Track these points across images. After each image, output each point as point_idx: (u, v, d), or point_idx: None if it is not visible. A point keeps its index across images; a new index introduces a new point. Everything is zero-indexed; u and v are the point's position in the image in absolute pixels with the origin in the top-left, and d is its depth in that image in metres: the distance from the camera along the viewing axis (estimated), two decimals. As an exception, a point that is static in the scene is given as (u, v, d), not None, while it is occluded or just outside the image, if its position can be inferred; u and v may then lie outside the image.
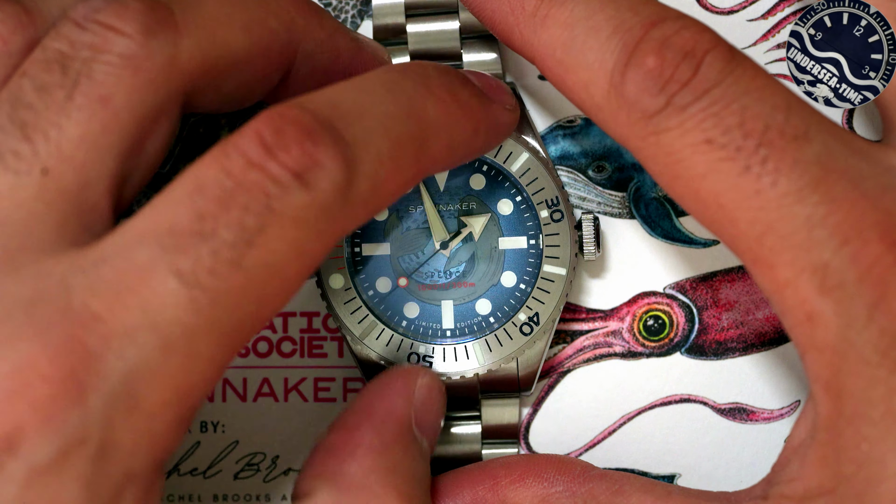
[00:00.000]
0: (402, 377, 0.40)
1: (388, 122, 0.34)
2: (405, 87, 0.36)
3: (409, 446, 0.38)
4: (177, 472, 0.45)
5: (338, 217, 0.33)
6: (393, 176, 0.34)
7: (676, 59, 0.35)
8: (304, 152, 0.32)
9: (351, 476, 0.37)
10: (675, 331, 0.45)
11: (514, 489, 0.41)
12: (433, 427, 0.40)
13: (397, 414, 0.39)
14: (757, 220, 0.34)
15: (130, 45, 0.33)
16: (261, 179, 0.32)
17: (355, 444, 0.38)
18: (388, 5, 0.44)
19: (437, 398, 0.40)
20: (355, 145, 0.33)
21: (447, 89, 0.37)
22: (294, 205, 0.32)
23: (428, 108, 0.36)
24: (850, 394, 0.34)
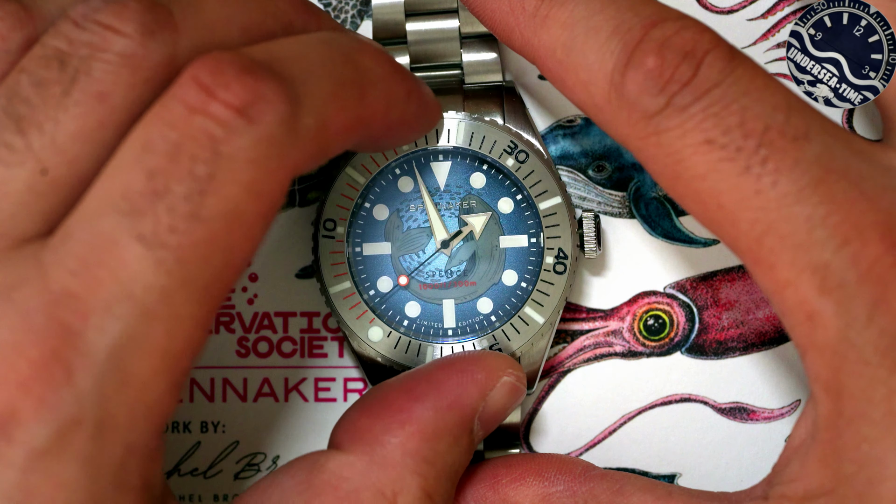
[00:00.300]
0: (487, 370, 0.40)
1: (326, 65, 0.34)
2: (341, 40, 0.36)
3: (460, 439, 0.39)
4: (177, 472, 0.45)
5: (288, 152, 0.32)
6: (337, 114, 0.34)
7: (676, 59, 0.35)
8: (244, 87, 0.32)
9: (390, 450, 0.37)
10: (676, 330, 0.45)
11: (515, 488, 0.41)
12: (495, 423, 0.40)
13: (465, 404, 0.39)
14: (757, 220, 0.34)
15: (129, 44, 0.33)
16: (205, 123, 0.31)
17: (409, 417, 0.38)
18: (388, 5, 0.44)
19: (514, 399, 0.40)
20: (296, 82, 0.33)
21: (379, 49, 0.37)
22: (241, 145, 0.32)
23: (364, 58, 0.36)
24: (850, 394, 0.34)
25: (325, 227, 0.43)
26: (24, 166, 0.32)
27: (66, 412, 0.30)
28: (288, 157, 0.32)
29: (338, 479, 0.37)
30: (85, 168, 0.33)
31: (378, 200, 0.44)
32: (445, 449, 0.38)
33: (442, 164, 0.43)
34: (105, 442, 0.31)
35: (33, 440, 0.30)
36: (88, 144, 0.33)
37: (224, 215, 0.31)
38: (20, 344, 0.31)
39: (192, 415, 0.45)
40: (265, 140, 0.32)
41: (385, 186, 0.44)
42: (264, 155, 0.32)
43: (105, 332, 0.31)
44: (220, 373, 0.46)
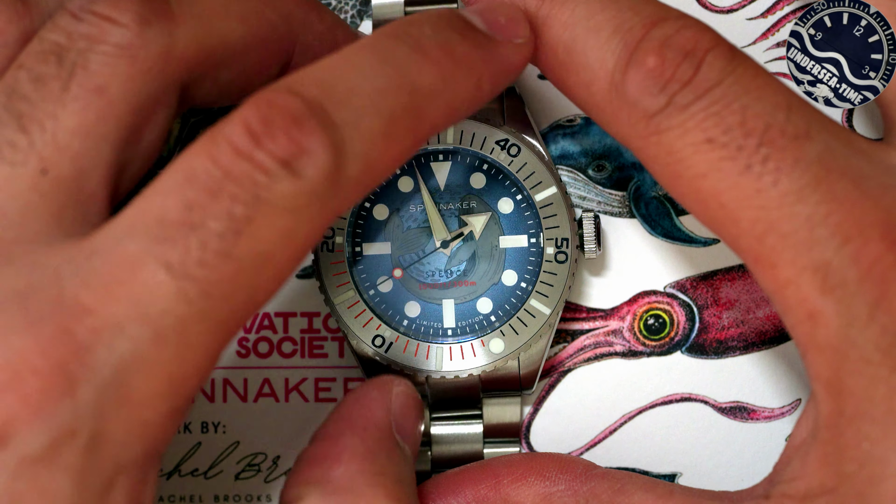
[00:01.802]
0: (378, 387, 0.40)
1: (379, 98, 0.34)
2: (397, 54, 0.35)
3: (393, 451, 0.38)
4: (178, 472, 0.45)
5: (328, 202, 0.32)
6: (385, 153, 0.34)
7: (677, 58, 0.35)
8: (290, 140, 0.32)
9: (338, 480, 0.37)
10: (676, 330, 0.45)
11: (516, 488, 0.41)
12: (413, 433, 0.40)
13: (377, 421, 0.39)
14: (758, 219, 0.34)
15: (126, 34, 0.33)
16: (248, 168, 0.31)
17: (340, 451, 0.38)
18: (388, 3, 0.44)
19: (413, 405, 0.40)
20: (344, 127, 0.33)
21: (443, 49, 0.35)
22: (282, 193, 0.32)
23: (423, 74, 0.35)
24: (851, 393, 0.34)
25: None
26: (27, 165, 0.32)
27: (62, 423, 0.30)
28: (327, 207, 0.32)
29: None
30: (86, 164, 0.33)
31: (378, 200, 0.44)
32: (385, 461, 0.38)
33: (442, 164, 0.43)
34: (97, 456, 0.31)
35: (26, 447, 0.30)
36: (89, 139, 0.33)
37: (255, 257, 0.31)
38: (27, 352, 0.30)
39: (192, 415, 0.45)
40: (306, 191, 0.32)
41: (385, 186, 0.44)
42: (303, 204, 0.32)
43: (114, 350, 0.30)
44: (221, 373, 0.46)
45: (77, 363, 0.30)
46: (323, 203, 0.32)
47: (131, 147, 0.35)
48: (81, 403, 0.30)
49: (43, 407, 0.30)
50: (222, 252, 0.31)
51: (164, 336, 0.31)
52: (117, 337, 0.31)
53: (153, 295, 0.31)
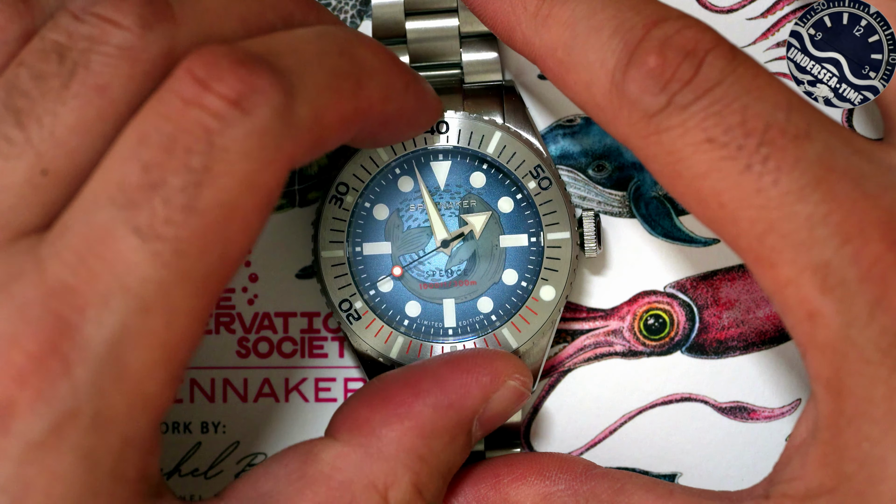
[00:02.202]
0: (493, 372, 0.39)
1: (322, 57, 0.34)
2: (337, 32, 0.36)
3: (457, 439, 0.39)
4: (178, 472, 0.45)
5: (283, 144, 0.32)
6: (332, 105, 0.34)
7: (678, 58, 0.35)
8: (238, 79, 0.32)
9: (385, 443, 0.37)
10: (676, 330, 0.45)
11: (517, 487, 0.41)
12: (495, 425, 0.40)
13: (466, 405, 0.39)
14: (758, 218, 0.34)
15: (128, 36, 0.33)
16: (199, 116, 0.32)
17: (408, 412, 0.38)
18: (388, 4, 0.44)
19: (516, 404, 0.40)
20: (291, 73, 0.33)
21: (377, 42, 0.37)
22: (236, 136, 0.32)
23: (361, 50, 0.36)
24: (851, 393, 0.34)
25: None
26: (23, 159, 0.32)
27: (62, 405, 0.30)
28: (283, 149, 0.32)
29: (331, 468, 0.37)
30: (84, 161, 0.33)
31: (378, 200, 0.44)
32: (441, 447, 0.38)
33: (442, 164, 0.43)
34: (102, 434, 0.31)
35: (30, 432, 0.30)
36: (87, 137, 0.33)
37: (220, 207, 0.31)
38: (17, 336, 0.31)
39: (192, 415, 0.45)
40: (260, 131, 0.32)
41: (385, 186, 0.44)
42: (259, 146, 0.32)
43: (102, 325, 0.31)
44: (221, 373, 0.46)
45: (69, 343, 0.31)
46: (278, 145, 0.32)
47: None
48: (79, 383, 0.31)
49: (41, 390, 0.30)
50: (186, 206, 0.31)
51: (148, 304, 0.31)
52: (103, 312, 0.31)
53: (129, 263, 0.31)
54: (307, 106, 0.33)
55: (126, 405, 0.31)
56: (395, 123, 0.38)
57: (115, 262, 0.31)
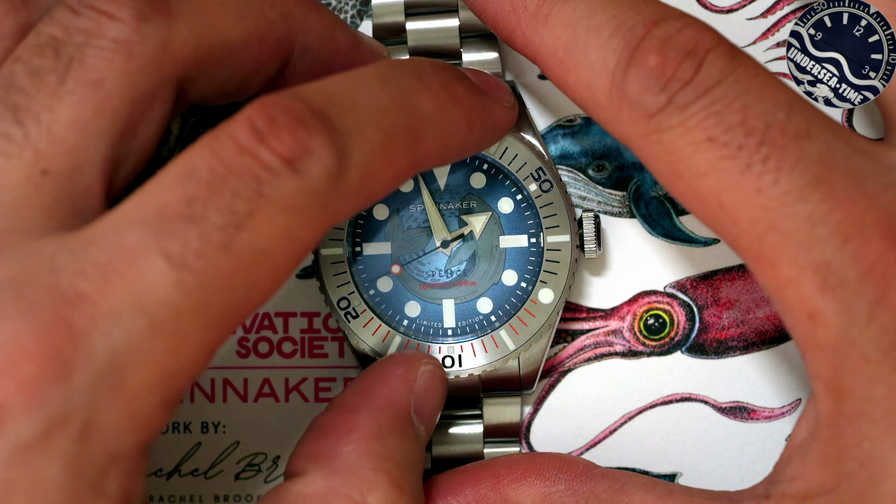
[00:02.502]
0: (404, 363, 0.40)
1: (380, 114, 0.34)
2: (399, 80, 0.36)
3: (406, 432, 0.39)
4: (178, 472, 0.45)
5: (328, 204, 0.33)
6: (385, 166, 0.34)
7: (678, 57, 0.35)
8: (295, 139, 0.32)
9: (344, 459, 0.37)
10: (676, 330, 0.45)
11: (517, 487, 0.41)
12: (432, 414, 0.40)
13: (396, 399, 0.39)
14: (758, 218, 0.34)
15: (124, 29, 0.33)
16: (251, 165, 0.32)
17: (351, 427, 0.38)
18: (388, 4, 0.44)
19: (438, 385, 0.40)
20: (347, 134, 0.33)
21: (441, 84, 0.37)
22: (284, 191, 0.32)
23: (421, 101, 0.36)
24: (851, 392, 0.34)
25: None
26: (22, 157, 0.32)
27: (55, 409, 0.30)
28: (328, 209, 0.33)
29: (304, 499, 0.37)
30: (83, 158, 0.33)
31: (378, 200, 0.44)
32: (396, 443, 0.38)
33: (442, 164, 0.44)
34: (89, 445, 0.31)
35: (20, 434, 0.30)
36: (84, 133, 0.33)
37: (254, 252, 0.32)
38: (23, 338, 0.30)
39: (192, 415, 0.45)
40: (308, 191, 0.32)
41: (385, 186, 0.44)
42: (305, 204, 0.32)
43: (109, 338, 0.31)
44: (221, 373, 0.46)
45: (73, 350, 0.30)
46: (323, 205, 0.32)
47: (127, 142, 0.35)
48: (76, 390, 0.30)
49: (38, 392, 0.30)
50: (222, 245, 0.31)
51: (159, 327, 0.31)
52: (114, 325, 0.31)
53: (151, 284, 0.31)
54: (358, 170, 0.33)
55: (116, 420, 0.31)
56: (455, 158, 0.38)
57: (137, 279, 0.31)
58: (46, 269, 0.31)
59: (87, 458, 0.31)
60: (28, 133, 0.33)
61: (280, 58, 0.39)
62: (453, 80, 0.37)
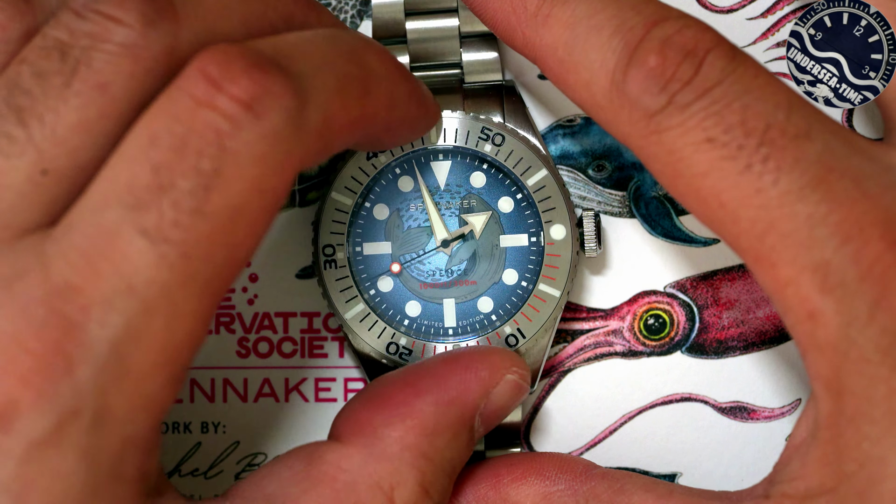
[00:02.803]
0: (491, 367, 0.40)
1: (331, 61, 0.34)
2: (347, 38, 0.36)
3: (460, 435, 0.39)
4: (178, 472, 0.45)
5: (293, 148, 0.32)
6: (341, 111, 0.34)
7: (678, 58, 0.35)
8: (252, 82, 0.32)
9: (388, 443, 0.38)
10: (676, 330, 0.45)
11: (517, 487, 0.41)
12: (497, 421, 0.40)
13: (467, 401, 0.39)
14: (758, 218, 0.34)
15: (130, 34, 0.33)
16: (211, 117, 0.32)
17: (410, 411, 0.38)
18: (388, 4, 0.44)
19: (517, 398, 0.40)
20: (303, 77, 0.33)
21: (383, 49, 0.37)
22: (247, 140, 0.32)
23: (369, 57, 0.36)
24: (851, 392, 0.34)
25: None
26: (24, 158, 0.32)
27: (64, 404, 0.31)
28: (293, 153, 0.33)
29: (336, 470, 0.37)
30: (86, 159, 0.33)
31: (378, 200, 0.44)
32: (444, 444, 0.38)
33: (442, 164, 0.43)
34: (103, 434, 0.31)
35: (32, 431, 0.30)
36: (89, 135, 0.33)
37: (228, 211, 0.32)
38: (21, 335, 0.31)
39: (192, 415, 0.45)
40: (271, 136, 0.32)
41: (385, 186, 0.44)
42: (270, 151, 0.32)
43: (106, 325, 0.31)
44: (221, 373, 0.46)
45: (72, 342, 0.31)
46: (288, 149, 0.32)
47: None
48: (81, 382, 0.31)
49: (44, 389, 0.30)
50: (195, 210, 0.31)
51: (152, 306, 0.31)
52: (108, 312, 0.31)
53: (135, 264, 0.31)
54: (318, 110, 0.33)
55: (127, 405, 0.31)
56: (396, 128, 0.38)
57: (121, 262, 0.31)
58: (37, 263, 0.31)
59: (102, 447, 0.31)
60: (31, 134, 0.33)
61: None
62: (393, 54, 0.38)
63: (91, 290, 0.31)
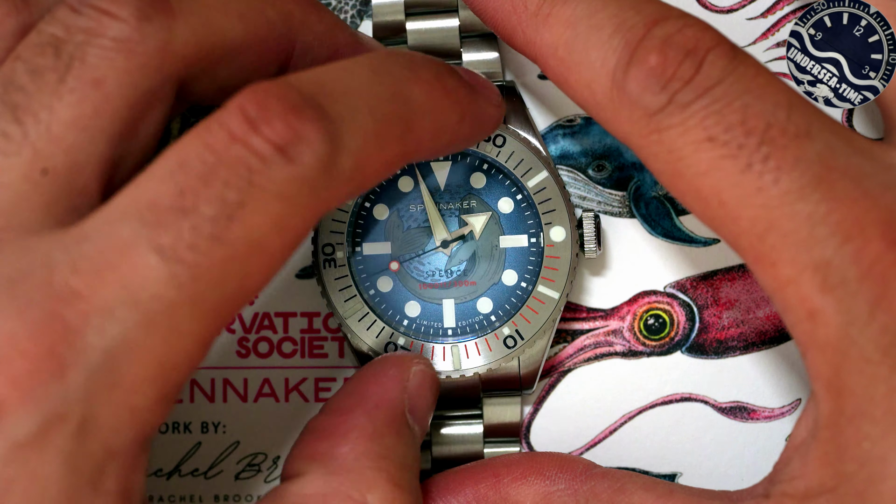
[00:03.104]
0: (396, 364, 0.40)
1: (372, 101, 0.34)
2: (391, 70, 0.36)
3: (401, 432, 0.39)
4: (178, 472, 0.45)
5: (320, 192, 0.33)
6: (377, 154, 0.34)
7: (679, 57, 0.35)
8: (287, 126, 0.32)
9: (342, 459, 0.37)
10: (676, 330, 0.45)
11: (517, 487, 0.41)
12: (425, 414, 0.40)
13: (390, 399, 0.39)
14: (759, 217, 0.34)
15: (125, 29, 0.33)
16: (243, 154, 0.32)
17: (348, 428, 0.38)
18: (388, 3, 0.44)
19: (430, 385, 0.40)
20: (339, 121, 0.33)
21: (434, 75, 0.37)
22: (276, 179, 0.32)
23: (413, 90, 0.36)
24: (851, 392, 0.34)
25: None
26: (21, 156, 0.32)
27: (51, 407, 0.30)
28: (320, 197, 0.33)
29: (303, 498, 0.37)
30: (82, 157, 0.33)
31: (378, 200, 0.44)
32: (392, 443, 0.38)
33: (442, 164, 0.44)
34: (86, 441, 0.31)
35: (16, 432, 0.30)
36: (84, 132, 0.33)
37: (247, 243, 0.32)
38: (17, 335, 0.31)
39: (192, 415, 0.45)
40: (300, 179, 0.32)
41: (385, 186, 0.44)
42: (297, 192, 0.32)
43: (103, 334, 0.31)
44: (221, 373, 0.46)
45: (67, 347, 0.30)
46: (315, 193, 0.32)
47: (126, 142, 0.35)
48: (71, 387, 0.30)
49: (33, 390, 0.30)
50: (214, 236, 0.31)
51: (153, 321, 0.31)
52: (107, 321, 0.31)
53: (144, 279, 0.31)
54: (351, 157, 0.33)
55: (113, 416, 0.31)
56: (444, 149, 0.38)
57: (130, 275, 0.31)
58: (40, 265, 0.31)
59: (84, 455, 0.31)
60: (27, 131, 0.33)
61: (280, 58, 0.39)
62: (445, 73, 0.37)
63: (93, 298, 0.31)
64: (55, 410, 0.30)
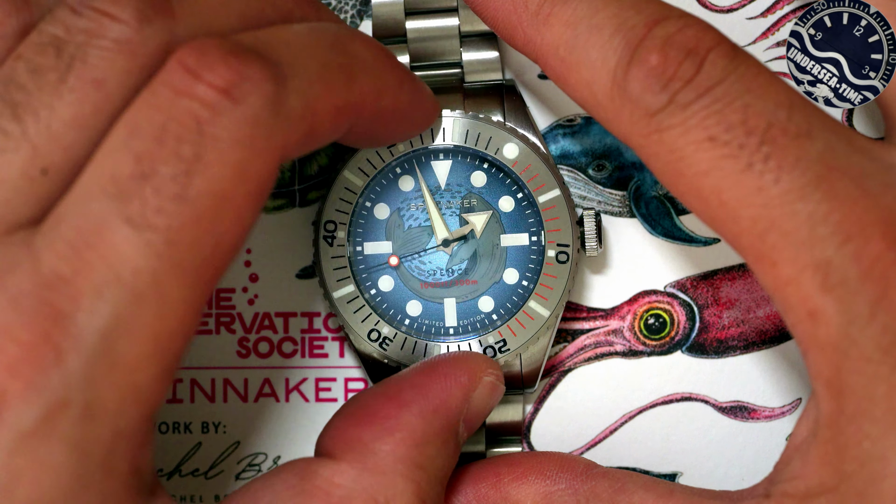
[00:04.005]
0: (469, 371, 0.40)
1: (313, 49, 0.34)
2: (330, 27, 0.36)
3: (448, 442, 0.39)
4: (178, 473, 0.45)
5: (274, 133, 0.33)
6: (325, 96, 0.34)
7: (679, 56, 0.35)
8: (229, 68, 0.32)
9: (380, 457, 0.37)
10: (676, 329, 0.45)
11: (517, 486, 0.41)
12: (478, 422, 0.40)
13: (450, 408, 0.39)
14: (759, 217, 0.34)
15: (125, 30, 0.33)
16: (190, 105, 0.32)
17: (397, 424, 0.38)
18: (388, 3, 0.44)
19: (495, 398, 0.40)
20: (282, 63, 0.33)
21: (372, 39, 0.37)
22: (226, 125, 0.32)
23: (355, 45, 0.36)
24: (851, 391, 0.34)
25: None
26: (19, 153, 0.32)
27: (53, 394, 0.30)
28: (275, 138, 0.33)
29: (330, 485, 0.37)
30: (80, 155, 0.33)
31: (379, 199, 0.44)
32: (435, 453, 0.38)
33: (442, 163, 0.43)
34: (93, 425, 0.31)
35: (20, 422, 0.30)
36: (83, 131, 0.33)
37: (211, 196, 0.32)
38: (10, 326, 0.31)
39: (192, 415, 0.45)
40: (250, 120, 0.32)
41: (386, 185, 0.44)
42: (250, 135, 0.32)
43: (95, 316, 0.31)
44: (221, 373, 0.46)
45: (61, 333, 0.31)
46: (269, 134, 0.32)
47: None
48: (71, 373, 0.31)
49: (32, 379, 0.30)
50: (178, 196, 0.31)
51: (140, 295, 0.31)
52: (97, 302, 0.31)
53: (122, 254, 0.31)
54: (298, 96, 0.33)
55: (117, 396, 0.31)
56: (390, 121, 0.38)
57: (109, 252, 0.31)
58: (27, 256, 0.31)
59: (92, 439, 0.31)
60: (26, 129, 0.33)
61: None
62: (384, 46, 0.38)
63: (80, 281, 0.31)
64: (57, 397, 0.31)
